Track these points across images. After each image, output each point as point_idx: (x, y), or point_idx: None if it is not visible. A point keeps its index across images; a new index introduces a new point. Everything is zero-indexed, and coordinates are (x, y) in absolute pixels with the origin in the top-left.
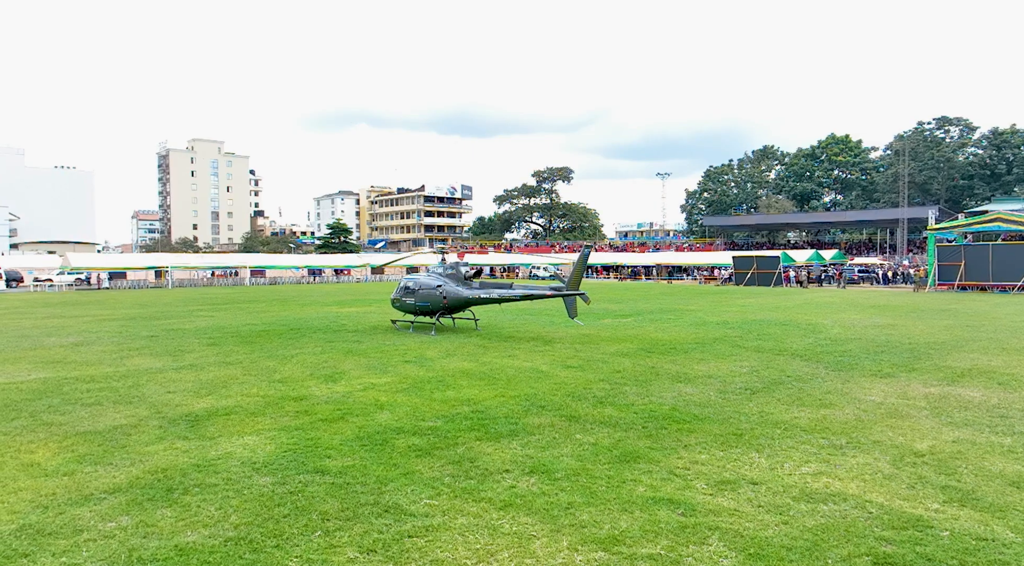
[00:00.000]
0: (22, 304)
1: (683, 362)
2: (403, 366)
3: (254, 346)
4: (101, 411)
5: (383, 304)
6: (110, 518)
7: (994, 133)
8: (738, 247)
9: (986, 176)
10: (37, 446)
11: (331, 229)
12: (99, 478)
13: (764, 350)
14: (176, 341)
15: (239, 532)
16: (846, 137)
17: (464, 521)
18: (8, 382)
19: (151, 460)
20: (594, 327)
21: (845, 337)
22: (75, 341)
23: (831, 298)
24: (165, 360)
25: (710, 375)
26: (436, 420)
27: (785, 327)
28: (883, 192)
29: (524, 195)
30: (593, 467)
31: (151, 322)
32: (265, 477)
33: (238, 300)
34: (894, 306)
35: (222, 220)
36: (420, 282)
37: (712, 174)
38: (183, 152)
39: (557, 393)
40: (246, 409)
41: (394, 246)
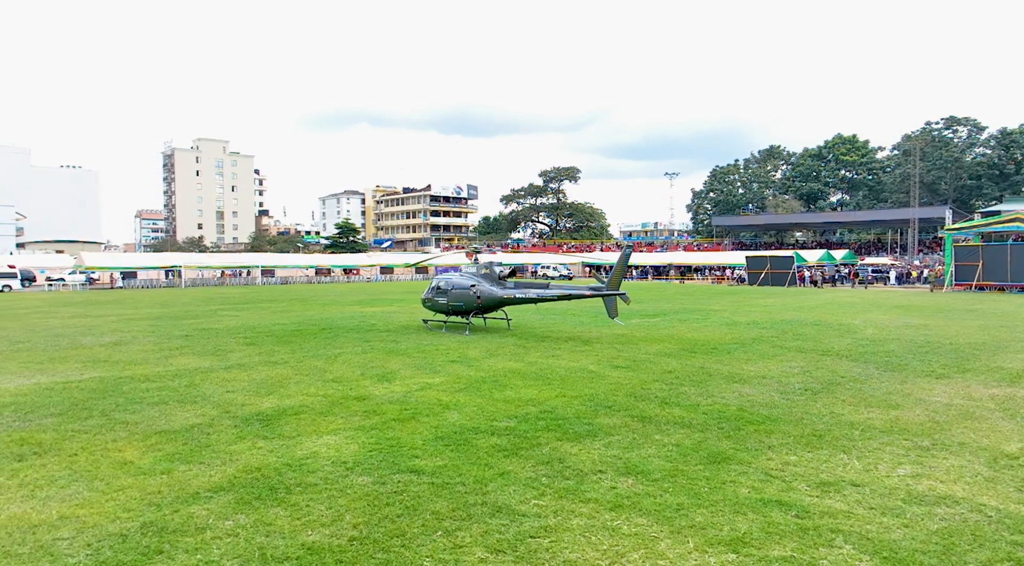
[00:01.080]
0: (43, 303)
1: (730, 362)
2: (450, 366)
3: (293, 346)
4: (169, 410)
5: (403, 303)
6: (226, 516)
7: (1003, 133)
8: (746, 247)
9: (994, 176)
10: (122, 445)
11: (339, 229)
12: (198, 477)
13: (806, 350)
14: (212, 341)
15: (360, 532)
16: (853, 137)
17: (580, 522)
18: (65, 381)
19: (241, 459)
20: (626, 327)
21: (882, 337)
22: (112, 340)
23: (851, 298)
24: (210, 360)
25: (763, 376)
26: (508, 420)
27: (818, 327)
28: (891, 192)
29: (531, 195)
30: (686, 468)
31: (179, 322)
32: (362, 477)
33: (256, 300)
34: (917, 306)
35: (227, 219)
36: (453, 282)
37: (718, 174)
38: (188, 151)
39: (617, 393)
40: (313, 409)
41: (400, 246)
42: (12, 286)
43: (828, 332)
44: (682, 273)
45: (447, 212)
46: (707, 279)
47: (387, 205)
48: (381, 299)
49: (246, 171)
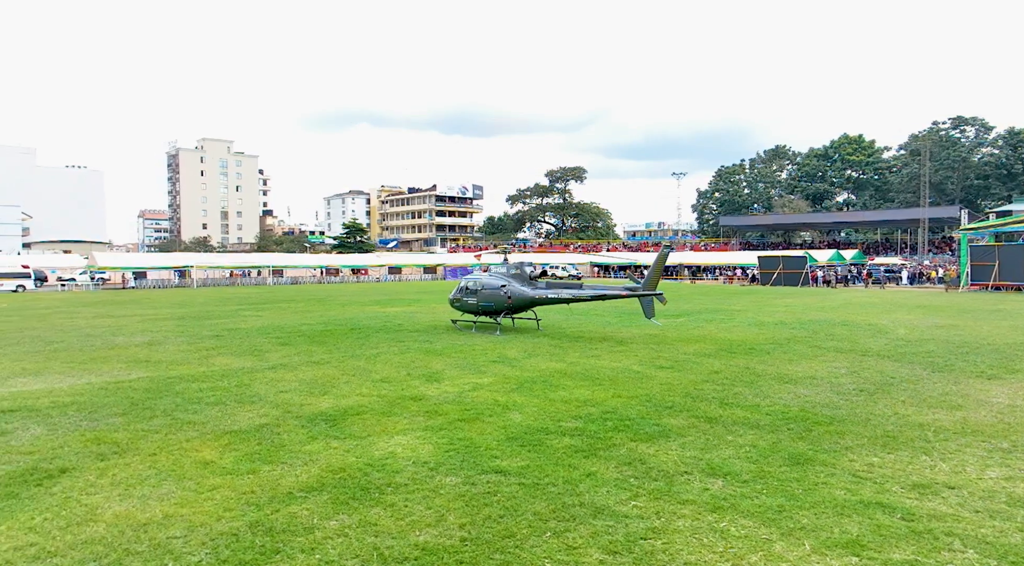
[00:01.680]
0: (61, 303)
1: (773, 363)
2: (493, 366)
3: (328, 346)
4: (230, 410)
5: (421, 304)
6: (328, 516)
7: (1010, 133)
8: (753, 247)
9: (1002, 176)
10: (197, 444)
11: (347, 229)
12: (285, 477)
13: (845, 351)
14: (245, 341)
15: (468, 532)
16: (859, 137)
17: (685, 523)
18: (116, 381)
19: (320, 459)
20: (652, 328)
21: (917, 338)
22: (144, 341)
23: (869, 299)
24: (250, 360)
25: (811, 376)
26: (573, 421)
27: (848, 328)
28: (898, 192)
29: (537, 195)
30: (771, 469)
31: (203, 322)
32: (448, 477)
33: (272, 300)
34: (939, 307)
35: (231, 219)
36: (483, 282)
37: (723, 174)
38: (193, 151)
39: (672, 394)
40: (373, 409)
41: (406, 245)
42: (26, 286)
43: (860, 332)
44: (692, 273)
45: (452, 212)
46: (718, 279)
47: (392, 205)
48: (397, 299)
49: (250, 171)
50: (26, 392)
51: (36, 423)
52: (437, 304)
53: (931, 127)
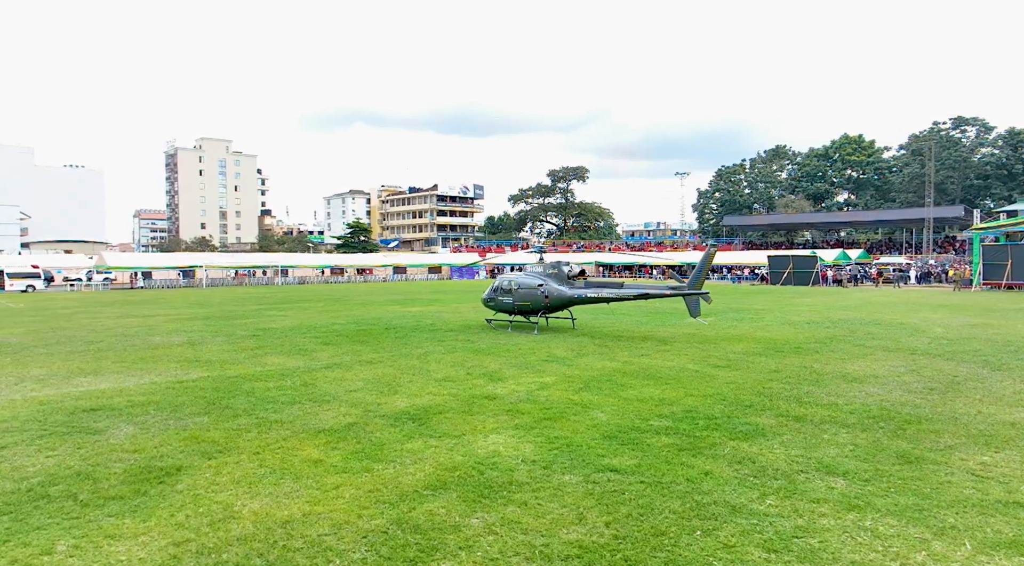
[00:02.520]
0: (77, 303)
1: (827, 361)
2: (548, 365)
3: (372, 346)
4: (309, 409)
5: (441, 304)
6: (467, 514)
7: (1010, 133)
8: (756, 247)
9: (1003, 176)
10: (295, 443)
11: (350, 229)
12: (402, 475)
13: (892, 349)
14: (285, 340)
15: (616, 531)
16: (859, 137)
17: (829, 522)
18: (178, 380)
19: (428, 458)
20: (687, 326)
21: (956, 337)
22: (183, 340)
23: (885, 298)
24: (300, 359)
25: (872, 375)
26: (660, 420)
27: (882, 327)
28: (899, 192)
29: (539, 195)
30: (886, 468)
31: (231, 322)
32: (566, 476)
33: (288, 300)
34: (962, 306)
35: (230, 219)
36: (519, 282)
37: (724, 173)
38: (191, 151)
39: (743, 393)
40: (451, 408)
41: (407, 245)
42: (36, 286)
43: (897, 331)
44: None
45: (453, 212)
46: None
47: (392, 205)
48: (414, 299)
49: (249, 170)
50: (96, 391)
51: (124, 422)
52: (457, 304)
53: (932, 127)
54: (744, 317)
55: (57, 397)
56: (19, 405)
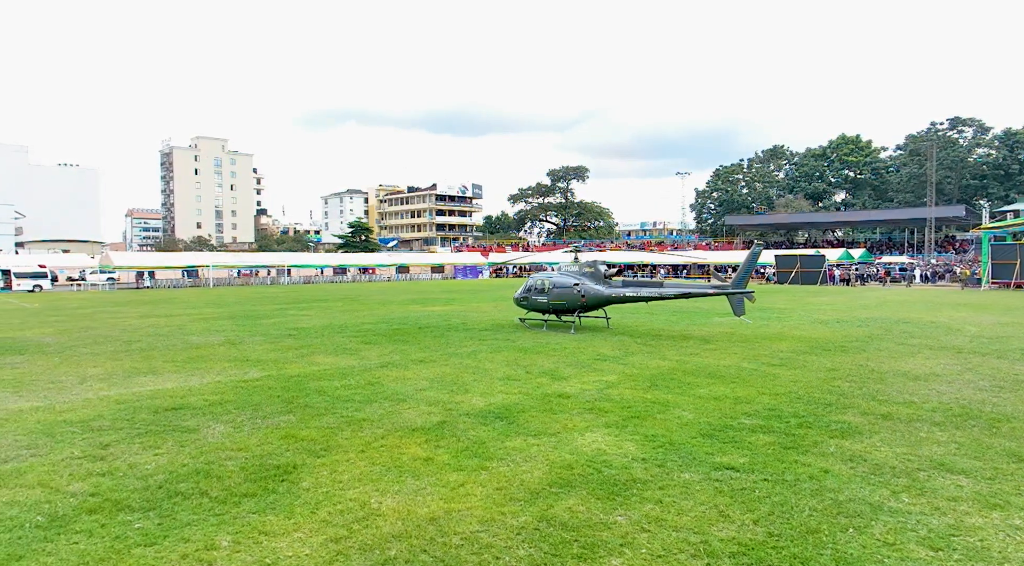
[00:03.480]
0: (92, 303)
1: (881, 360)
2: (603, 364)
3: (417, 345)
4: (390, 408)
5: (459, 303)
6: (611, 511)
7: (1007, 134)
8: None
9: (1000, 176)
10: (395, 441)
11: (352, 228)
12: (523, 474)
13: (936, 348)
14: (324, 340)
15: (768, 528)
16: (856, 137)
17: (978, 521)
18: (242, 380)
19: (538, 456)
20: (720, 325)
21: (993, 335)
22: (221, 340)
23: (901, 297)
24: (350, 359)
25: (933, 374)
26: (747, 419)
27: (914, 326)
28: (897, 192)
29: (539, 194)
30: (1004, 467)
31: (258, 321)
32: (685, 473)
33: (304, 299)
34: (980, 304)
35: (226, 219)
36: (554, 281)
37: (722, 173)
38: (187, 150)
39: (814, 391)
40: (531, 407)
41: (405, 245)
42: (43, 286)
43: (932, 330)
44: (707, 272)
45: (452, 211)
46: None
47: (390, 204)
48: (430, 299)
49: (245, 170)
50: (164, 390)
51: (212, 421)
52: (476, 303)
53: (930, 128)
54: (770, 316)
55: (130, 396)
56: (97, 404)
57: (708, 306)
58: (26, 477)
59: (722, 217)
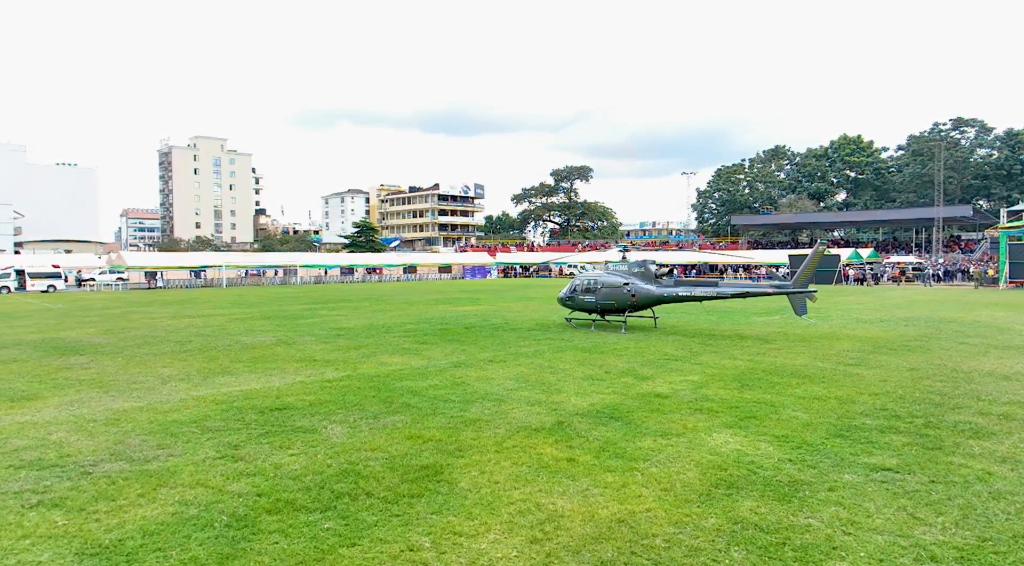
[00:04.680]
0: (115, 303)
1: (955, 360)
2: (677, 364)
3: (477, 345)
4: (496, 408)
5: (488, 303)
6: (796, 513)
7: (1008, 134)
8: (761, 246)
9: (1002, 176)
10: (525, 442)
11: (357, 228)
12: (676, 475)
13: (1002, 347)
14: (377, 340)
15: (977, 532)
16: (858, 137)
17: None
18: (326, 380)
19: (681, 457)
20: (769, 325)
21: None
22: (273, 340)
23: (925, 296)
24: (415, 359)
25: (1019, 373)
26: (864, 418)
27: (963, 325)
28: (900, 192)
29: (543, 194)
30: None
31: (296, 321)
32: (845, 475)
33: (327, 299)
34: (1010, 303)
35: (225, 218)
36: (602, 281)
37: (723, 173)
38: (186, 149)
39: (911, 391)
40: (634, 407)
41: (408, 245)
42: (56, 286)
43: (983, 330)
44: (722, 272)
45: (455, 211)
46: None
47: (392, 204)
48: (454, 299)
49: (244, 169)
50: (253, 391)
51: (326, 421)
52: (505, 303)
53: (933, 128)
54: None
55: (222, 397)
56: (195, 404)
57: (740, 306)
58: (180, 477)
59: (724, 217)
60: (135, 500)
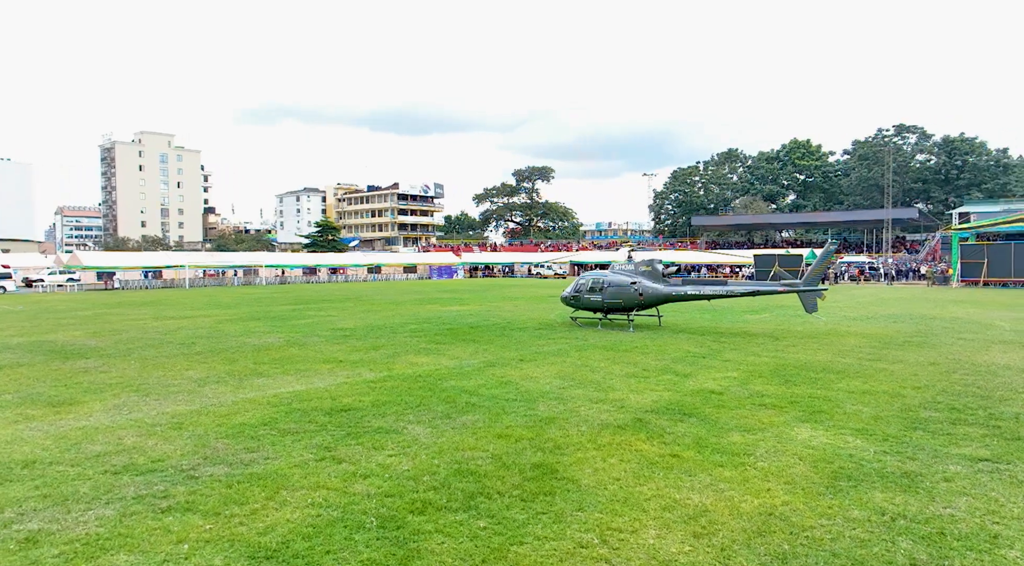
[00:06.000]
0: (77, 305)
1: (965, 355)
2: (705, 361)
3: (495, 345)
4: (559, 407)
5: (476, 303)
6: (925, 503)
7: (946, 141)
8: (718, 246)
9: (940, 180)
10: (615, 439)
11: (319, 227)
12: (787, 468)
13: (997, 342)
14: (390, 340)
15: None
16: (807, 141)
17: None
18: (369, 381)
19: (780, 451)
20: (763, 322)
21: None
22: (282, 342)
23: (890, 294)
24: (442, 359)
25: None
26: (927, 411)
27: (945, 322)
28: (847, 195)
29: (504, 194)
30: None
31: (287, 322)
32: (950, 466)
33: (304, 300)
34: (974, 301)
35: (172, 217)
36: (609, 280)
37: (679, 175)
38: (130, 145)
39: (949, 384)
40: (693, 404)
41: (367, 244)
42: (7, 287)
43: (968, 326)
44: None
45: (414, 211)
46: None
47: (350, 204)
48: (437, 299)
49: (192, 166)
50: (303, 392)
51: (400, 421)
52: (492, 302)
53: (876, 133)
54: (791, 313)
55: (274, 399)
56: (251, 407)
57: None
58: (292, 479)
59: (681, 217)
60: (265, 503)
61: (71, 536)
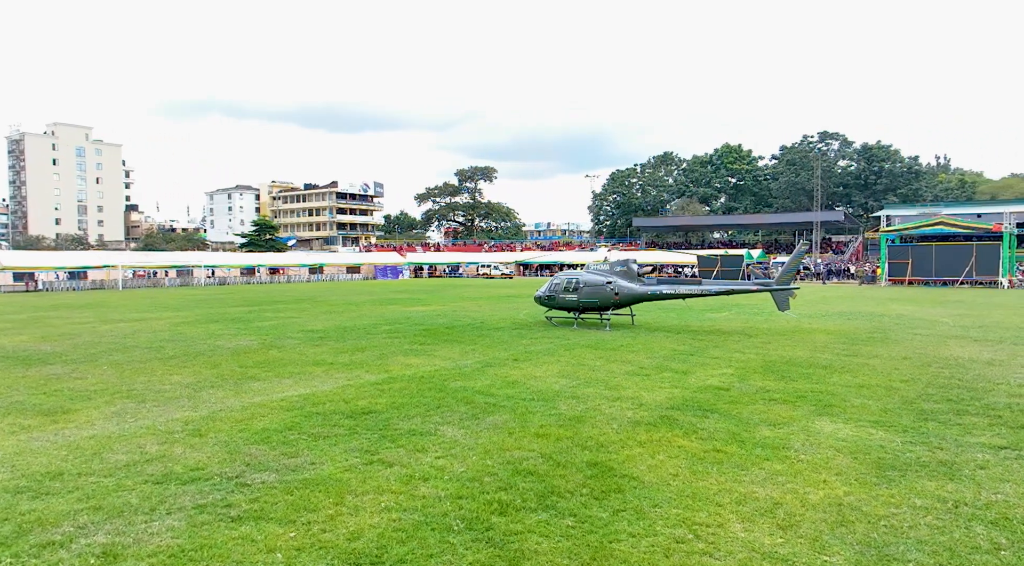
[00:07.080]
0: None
1: (927, 349)
2: (695, 358)
3: (481, 345)
4: (578, 406)
5: (439, 303)
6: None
7: (865, 148)
8: (658, 247)
9: (860, 185)
10: (652, 437)
11: (256, 226)
12: (830, 460)
13: (951, 337)
14: (369, 341)
15: None
16: (739, 146)
17: None
18: (373, 383)
19: (815, 444)
20: (728, 320)
21: (972, 325)
22: (256, 344)
23: (831, 293)
24: (435, 360)
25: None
26: (930, 403)
27: (891, 319)
28: (776, 198)
29: (447, 194)
30: None
31: (250, 325)
32: (978, 454)
33: (253, 302)
34: (911, 298)
35: (91, 214)
36: (584, 279)
37: (617, 177)
38: (42, 137)
39: (932, 377)
40: (713, 400)
41: (304, 244)
42: None
43: (916, 323)
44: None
45: (354, 210)
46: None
47: (285, 202)
48: (394, 300)
49: (112, 161)
50: (311, 395)
51: (428, 423)
52: (454, 303)
53: (802, 140)
54: (751, 312)
55: (284, 403)
56: (265, 412)
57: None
58: (351, 484)
59: (620, 218)
60: (337, 509)
61: (150, 549)
